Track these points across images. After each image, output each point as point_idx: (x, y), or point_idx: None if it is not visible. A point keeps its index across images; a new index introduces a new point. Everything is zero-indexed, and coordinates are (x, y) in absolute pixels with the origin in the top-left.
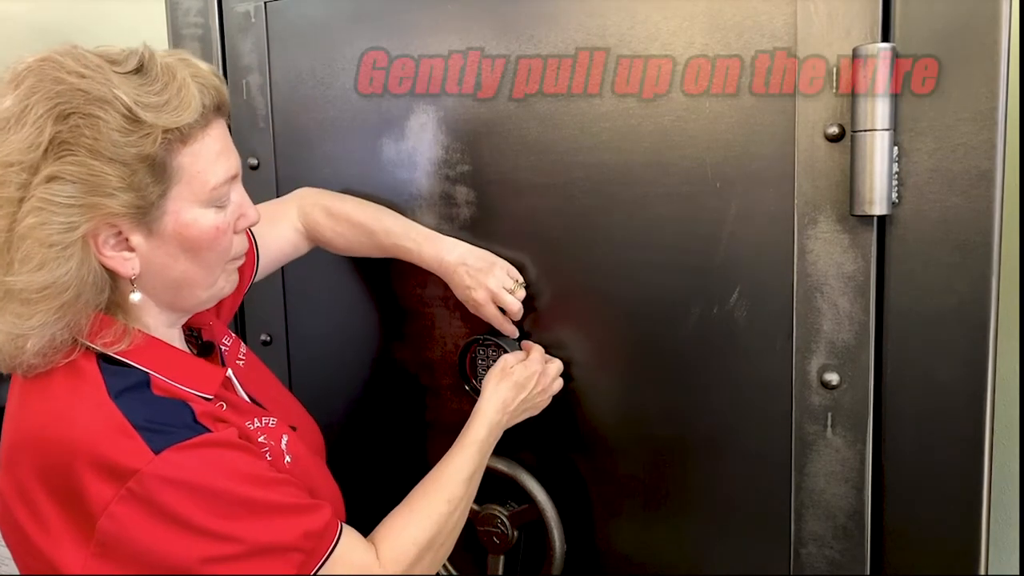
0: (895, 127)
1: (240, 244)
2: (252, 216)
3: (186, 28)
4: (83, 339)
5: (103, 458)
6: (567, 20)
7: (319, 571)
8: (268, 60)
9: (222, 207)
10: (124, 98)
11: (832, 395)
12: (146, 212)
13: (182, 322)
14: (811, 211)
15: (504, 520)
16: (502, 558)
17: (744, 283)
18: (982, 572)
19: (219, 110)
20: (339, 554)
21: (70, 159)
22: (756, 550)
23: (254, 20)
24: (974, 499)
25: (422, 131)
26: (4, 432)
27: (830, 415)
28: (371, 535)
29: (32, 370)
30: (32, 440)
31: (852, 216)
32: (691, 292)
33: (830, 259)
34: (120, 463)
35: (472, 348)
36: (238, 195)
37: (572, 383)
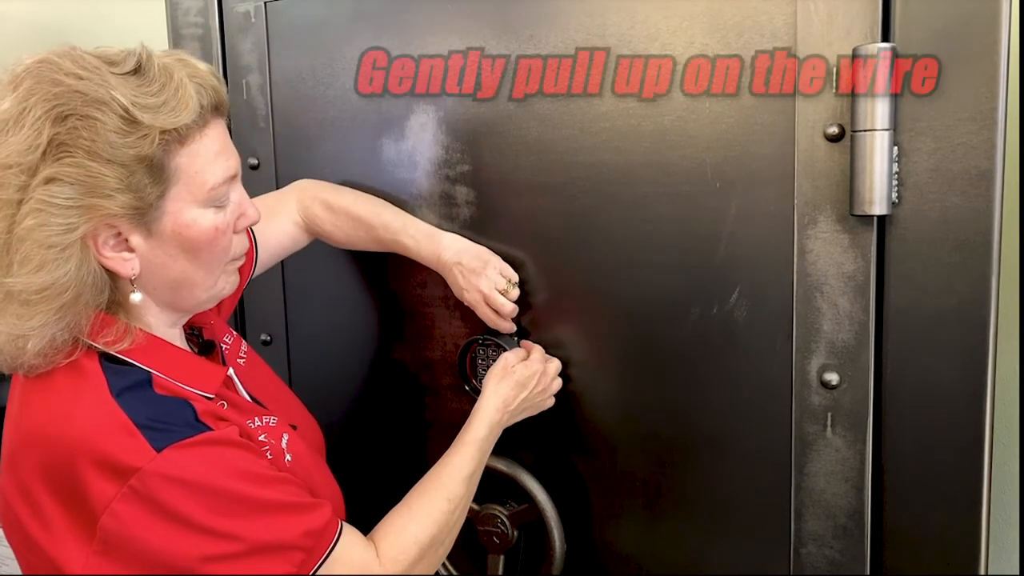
0: (895, 127)
1: (240, 244)
2: (252, 215)
3: (186, 28)
4: (85, 338)
5: (105, 456)
6: (567, 20)
7: (319, 570)
8: (268, 60)
9: (221, 207)
10: (121, 99)
11: (832, 395)
12: (145, 213)
13: (183, 322)
14: (811, 211)
15: (504, 520)
16: (502, 558)
17: (744, 283)
18: (982, 572)
19: (217, 110)
20: (339, 553)
21: (68, 161)
22: (756, 550)
23: (254, 20)
24: (974, 499)
25: (422, 131)
26: (5, 431)
27: (830, 415)
28: (371, 534)
29: (33, 370)
30: (34, 439)
31: (852, 216)
32: (691, 292)
33: (830, 259)
34: (122, 461)
35: (472, 348)
36: (238, 195)
37: (572, 383)
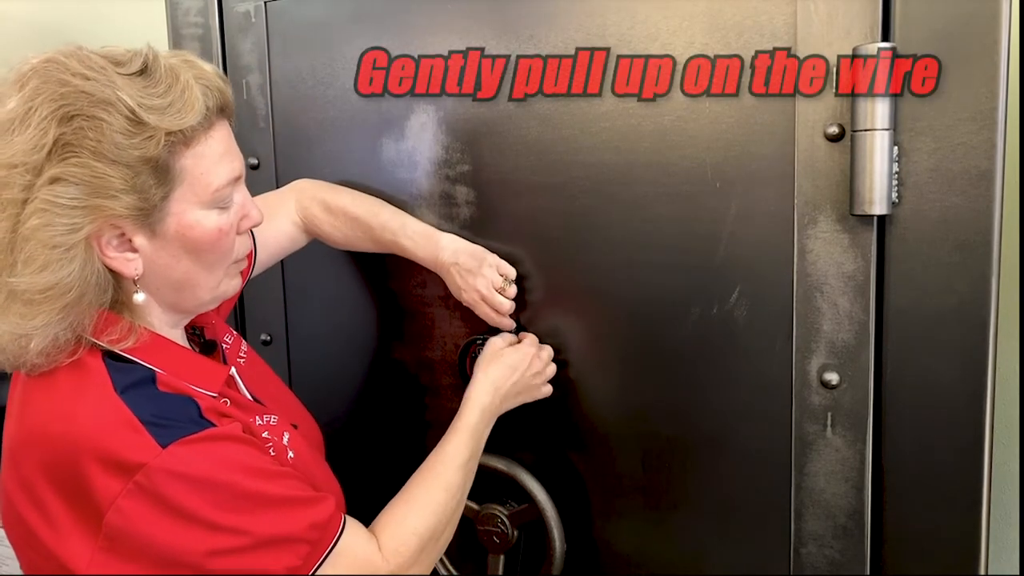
0: (895, 127)
1: (243, 245)
2: (255, 217)
3: (186, 28)
4: (88, 336)
5: (110, 453)
6: (567, 20)
7: (324, 562)
8: (268, 60)
9: (225, 208)
10: (127, 100)
11: (832, 395)
12: (149, 214)
13: (185, 322)
14: (811, 211)
15: (504, 520)
16: (502, 558)
17: (744, 283)
18: (982, 572)
19: (223, 112)
20: (343, 545)
21: (74, 161)
22: (756, 550)
23: (254, 20)
24: (974, 499)
25: (422, 131)
26: (6, 430)
27: (830, 415)
28: (371, 526)
29: (36, 369)
30: (37, 436)
31: (852, 216)
32: (691, 292)
33: (830, 259)
34: (127, 457)
35: (472, 348)
36: (241, 196)
37: (572, 382)
